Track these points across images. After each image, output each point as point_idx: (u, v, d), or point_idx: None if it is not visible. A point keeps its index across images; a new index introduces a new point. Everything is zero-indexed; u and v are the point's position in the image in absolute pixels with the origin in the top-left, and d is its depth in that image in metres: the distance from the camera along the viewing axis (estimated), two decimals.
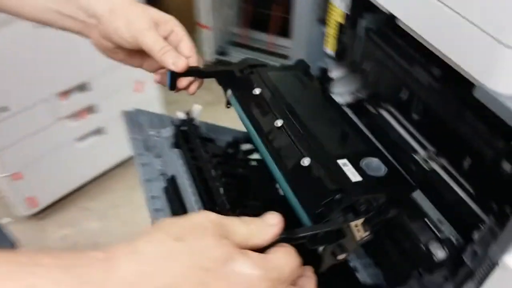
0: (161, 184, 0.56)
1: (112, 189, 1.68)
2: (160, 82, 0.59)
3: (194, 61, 0.55)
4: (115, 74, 1.52)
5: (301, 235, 0.36)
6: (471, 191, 0.55)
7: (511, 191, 0.44)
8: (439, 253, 0.53)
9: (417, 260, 0.54)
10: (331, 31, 0.67)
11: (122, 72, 1.54)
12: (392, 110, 0.67)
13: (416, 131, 0.63)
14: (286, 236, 0.35)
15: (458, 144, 0.50)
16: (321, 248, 0.38)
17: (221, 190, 0.50)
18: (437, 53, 0.45)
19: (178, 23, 0.56)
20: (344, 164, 0.45)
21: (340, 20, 0.64)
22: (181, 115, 0.61)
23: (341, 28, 0.65)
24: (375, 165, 0.46)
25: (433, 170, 0.62)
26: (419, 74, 0.54)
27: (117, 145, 1.68)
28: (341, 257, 0.39)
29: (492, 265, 0.44)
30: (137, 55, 0.57)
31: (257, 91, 0.55)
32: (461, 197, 0.55)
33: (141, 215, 1.64)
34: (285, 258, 0.33)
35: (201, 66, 0.56)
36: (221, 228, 0.32)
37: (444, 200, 0.58)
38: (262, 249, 0.33)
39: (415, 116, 0.57)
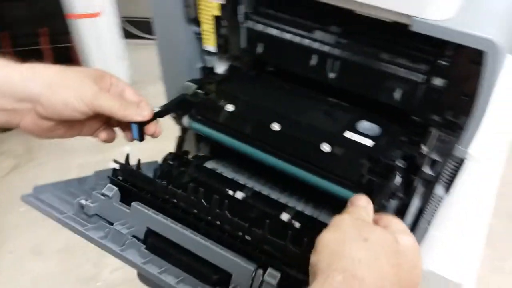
0: (139, 246, 0.47)
1: None
2: (106, 140, 0.54)
3: (147, 104, 0.53)
4: None
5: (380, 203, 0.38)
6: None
7: (448, 100, 0.52)
8: (396, 179, 0.60)
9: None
10: (208, 27, 0.65)
11: None
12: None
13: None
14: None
15: (381, 83, 0.57)
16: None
17: (227, 214, 0.45)
18: (358, 9, 0.49)
19: (111, 73, 0.53)
20: (351, 136, 0.48)
21: (216, 13, 0.63)
22: (114, 165, 0.52)
23: (218, 20, 0.64)
24: (369, 126, 0.50)
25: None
26: (323, 36, 0.59)
27: None
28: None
29: (461, 162, 0.52)
30: (77, 123, 0.52)
31: (230, 107, 0.54)
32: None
33: None
34: (399, 221, 0.40)
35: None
36: (366, 218, 0.39)
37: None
38: None
39: (325, 76, 0.61)
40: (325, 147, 0.48)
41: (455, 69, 0.50)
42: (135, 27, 2.32)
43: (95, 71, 0.52)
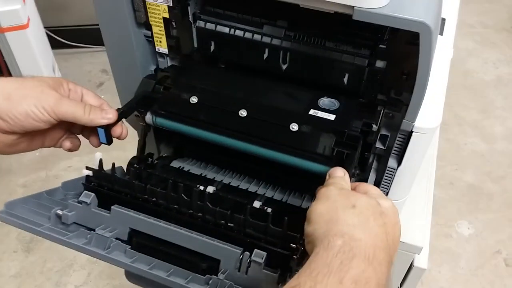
0: (124, 247, 0.49)
1: None
2: (71, 149, 0.54)
3: (110, 106, 0.53)
4: None
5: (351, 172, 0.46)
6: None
7: (390, 80, 0.58)
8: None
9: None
10: (158, 29, 0.66)
11: None
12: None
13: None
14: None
15: (330, 70, 0.61)
16: None
17: (209, 205, 0.48)
18: (302, 3, 0.53)
19: (68, 80, 0.53)
20: (315, 113, 0.51)
21: (165, 15, 0.64)
22: (87, 172, 0.52)
23: (168, 22, 0.65)
24: (328, 102, 0.53)
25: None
26: (272, 31, 0.62)
27: None
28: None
29: (409, 134, 0.58)
30: (39, 134, 0.52)
31: (193, 99, 0.56)
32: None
33: None
34: (375, 187, 0.46)
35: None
36: (347, 187, 0.45)
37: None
38: None
39: (278, 68, 0.65)
40: (294, 127, 0.52)
41: (394, 51, 0.56)
42: (60, 37, 2.24)
43: (51, 79, 0.51)
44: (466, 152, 1.92)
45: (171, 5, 0.63)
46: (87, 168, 0.53)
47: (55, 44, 2.13)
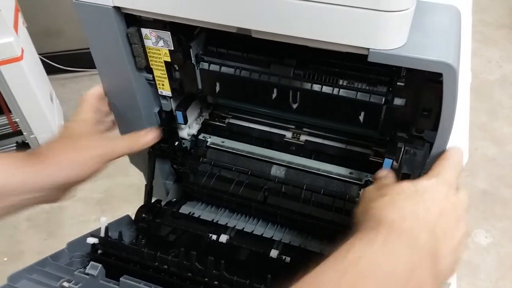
0: None
1: None
2: None
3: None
4: None
5: None
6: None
7: (410, 117, 0.54)
8: None
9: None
10: (160, 73, 0.63)
11: None
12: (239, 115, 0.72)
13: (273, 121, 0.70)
14: None
15: (345, 109, 0.58)
16: None
17: (226, 274, 0.44)
18: (313, 46, 0.49)
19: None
20: None
21: (166, 58, 0.61)
22: (93, 240, 0.49)
23: (170, 65, 0.62)
24: None
25: (308, 141, 0.70)
26: (280, 70, 0.59)
27: None
28: None
29: None
30: None
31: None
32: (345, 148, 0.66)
33: None
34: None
35: None
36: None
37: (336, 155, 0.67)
38: None
39: (288, 107, 0.61)
40: None
41: (412, 88, 0.52)
42: (56, 62, 2.20)
43: (88, 117, 0.59)
44: (477, 156, 1.88)
45: (172, 48, 0.59)
46: (92, 235, 0.49)
47: (51, 70, 2.10)
